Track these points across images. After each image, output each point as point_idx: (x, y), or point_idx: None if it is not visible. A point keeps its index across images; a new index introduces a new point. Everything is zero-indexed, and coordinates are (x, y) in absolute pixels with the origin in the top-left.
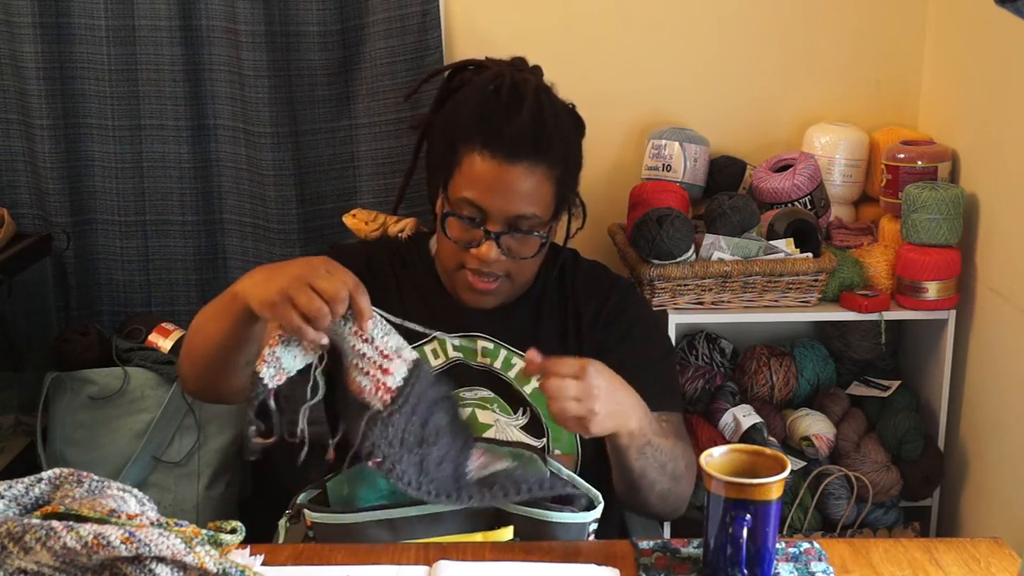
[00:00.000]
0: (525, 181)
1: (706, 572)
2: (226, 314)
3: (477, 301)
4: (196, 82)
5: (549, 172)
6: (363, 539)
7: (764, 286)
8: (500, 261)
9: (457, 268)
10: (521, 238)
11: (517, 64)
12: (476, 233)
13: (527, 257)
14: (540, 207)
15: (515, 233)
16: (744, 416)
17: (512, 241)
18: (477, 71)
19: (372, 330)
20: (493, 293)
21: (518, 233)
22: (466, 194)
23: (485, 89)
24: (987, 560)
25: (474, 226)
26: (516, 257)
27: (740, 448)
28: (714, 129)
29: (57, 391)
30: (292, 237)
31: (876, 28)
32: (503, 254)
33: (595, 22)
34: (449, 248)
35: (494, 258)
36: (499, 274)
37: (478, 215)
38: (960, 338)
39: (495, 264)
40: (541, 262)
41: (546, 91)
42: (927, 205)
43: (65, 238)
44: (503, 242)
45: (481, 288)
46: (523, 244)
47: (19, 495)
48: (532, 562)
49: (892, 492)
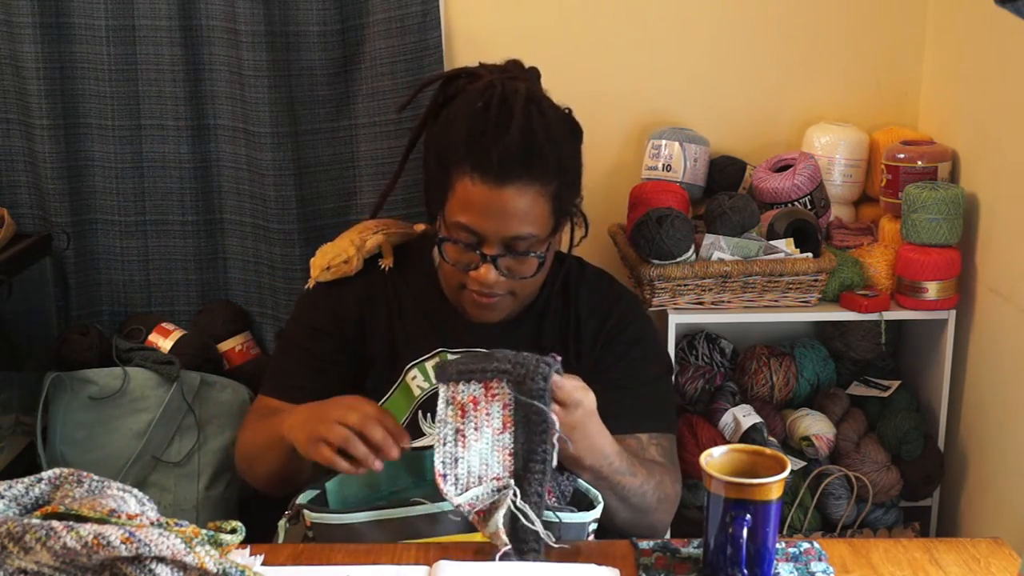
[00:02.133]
0: (518, 202)
1: (706, 572)
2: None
3: (483, 316)
4: (196, 82)
5: (543, 189)
6: (363, 539)
7: (764, 286)
8: (500, 282)
9: (460, 288)
10: (519, 259)
11: (510, 70)
12: (474, 256)
13: (527, 277)
14: (536, 226)
15: (513, 254)
16: (744, 416)
17: (510, 262)
18: (469, 80)
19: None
20: (497, 308)
21: (515, 254)
22: (460, 219)
23: (474, 106)
24: (987, 560)
25: (471, 250)
26: (515, 277)
27: (740, 448)
28: (714, 129)
29: (57, 391)
30: (292, 237)
31: (876, 28)
32: (502, 275)
33: (595, 22)
34: (449, 269)
35: (493, 280)
36: (501, 293)
37: (474, 239)
38: (960, 338)
39: (496, 285)
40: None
41: (538, 101)
42: (927, 205)
43: (65, 238)
44: (501, 264)
45: (485, 304)
46: (521, 264)
47: (19, 495)
48: (532, 562)
49: (892, 492)
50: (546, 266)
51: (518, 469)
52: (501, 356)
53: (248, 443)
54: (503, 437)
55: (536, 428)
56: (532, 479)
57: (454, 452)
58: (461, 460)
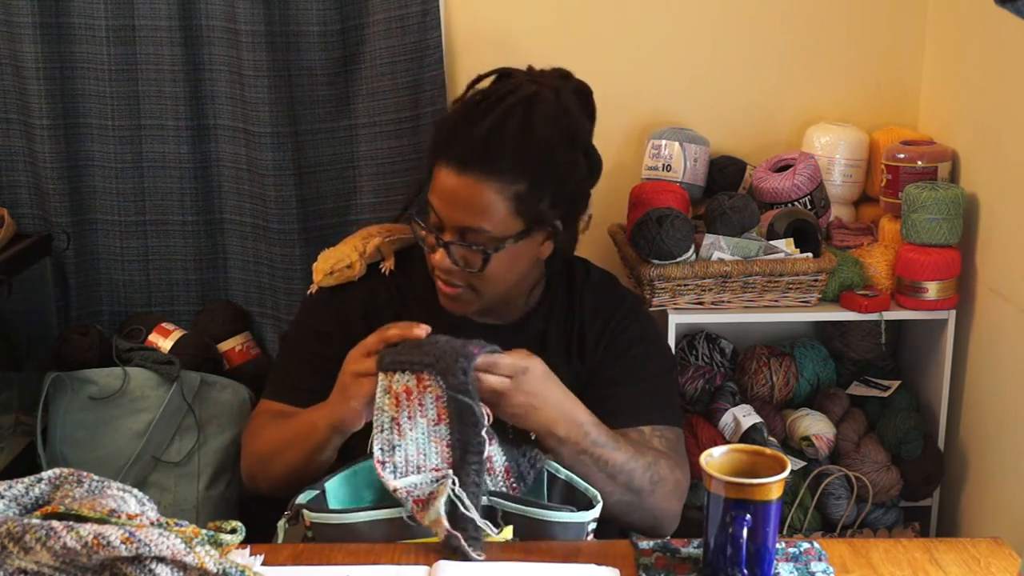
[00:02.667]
0: (473, 194)
1: (706, 572)
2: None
3: (450, 307)
4: (196, 82)
5: (502, 187)
6: (363, 539)
7: (764, 286)
8: (453, 270)
9: (431, 271)
10: (467, 251)
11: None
12: (432, 239)
13: (474, 271)
14: (491, 222)
15: (463, 244)
16: (744, 416)
17: (462, 251)
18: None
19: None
20: (459, 300)
21: (465, 245)
22: (431, 199)
23: (472, 99)
24: (987, 560)
25: (432, 232)
26: (464, 269)
27: (740, 448)
28: (714, 129)
29: (57, 391)
30: (292, 237)
31: (876, 28)
32: (455, 264)
33: (595, 22)
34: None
35: (446, 265)
36: (460, 284)
37: (436, 221)
38: (960, 338)
39: (452, 273)
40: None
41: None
42: (927, 205)
43: (65, 238)
44: (454, 251)
45: (446, 291)
46: (469, 257)
47: (19, 495)
48: (532, 562)
49: (892, 492)
50: (505, 267)
51: (456, 460)
52: (428, 348)
53: (267, 442)
54: (439, 428)
55: (467, 420)
56: (470, 469)
57: (391, 439)
58: (398, 448)
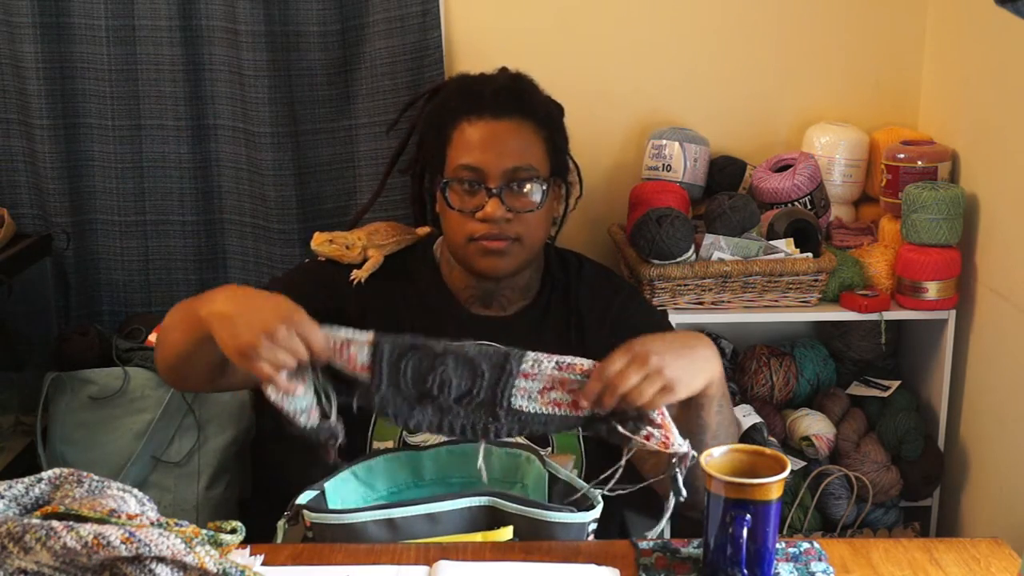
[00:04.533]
0: (515, 135)
1: (706, 572)
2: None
3: (494, 267)
4: (196, 82)
5: (537, 129)
6: (363, 539)
7: (764, 286)
8: (507, 219)
9: (467, 242)
10: (521, 194)
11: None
12: (479, 197)
13: (532, 210)
14: (535, 159)
15: (515, 185)
16: (744, 416)
17: (513, 196)
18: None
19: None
20: (507, 254)
21: (519, 185)
22: (462, 160)
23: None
24: (987, 560)
25: (475, 190)
26: (520, 211)
27: (740, 448)
28: (714, 129)
29: (57, 391)
30: (292, 237)
31: (876, 28)
32: (507, 210)
33: (595, 22)
34: (455, 222)
35: (500, 215)
36: (510, 236)
37: (476, 176)
38: (960, 338)
39: (503, 224)
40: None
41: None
42: (927, 205)
43: (65, 238)
44: (505, 198)
45: (493, 247)
46: (524, 198)
47: (19, 495)
48: (532, 562)
49: (892, 492)
50: (546, 213)
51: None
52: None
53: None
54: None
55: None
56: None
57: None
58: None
